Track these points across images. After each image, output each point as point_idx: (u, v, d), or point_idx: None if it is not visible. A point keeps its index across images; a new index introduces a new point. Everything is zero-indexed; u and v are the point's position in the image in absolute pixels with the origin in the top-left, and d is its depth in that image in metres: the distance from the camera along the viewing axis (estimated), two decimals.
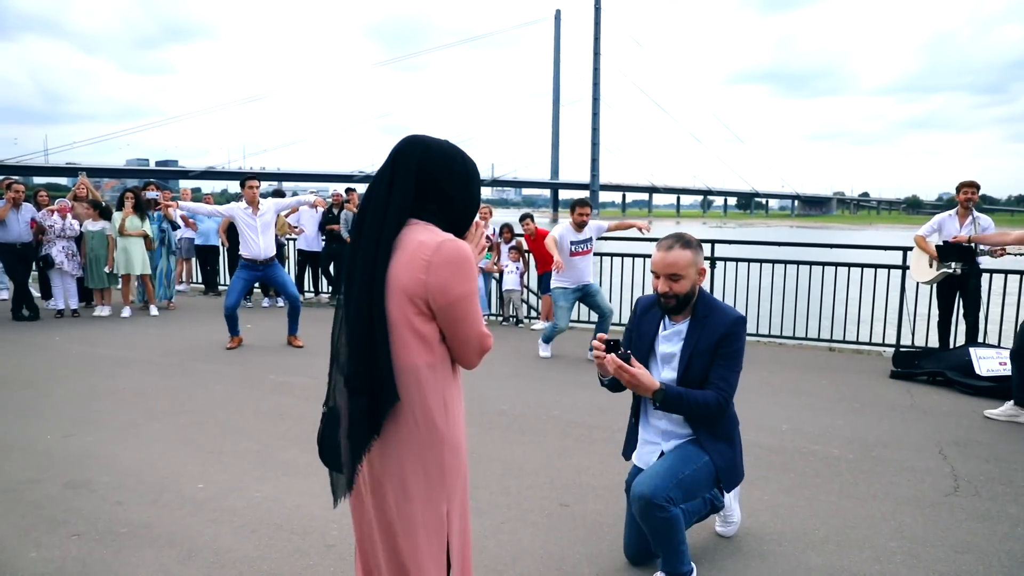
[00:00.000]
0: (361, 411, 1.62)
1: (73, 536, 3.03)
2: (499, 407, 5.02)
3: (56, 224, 8.38)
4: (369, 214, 1.65)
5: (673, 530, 2.47)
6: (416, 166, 1.66)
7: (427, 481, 1.67)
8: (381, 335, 1.59)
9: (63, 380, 5.63)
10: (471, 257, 1.65)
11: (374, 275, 1.60)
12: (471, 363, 1.73)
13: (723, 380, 2.53)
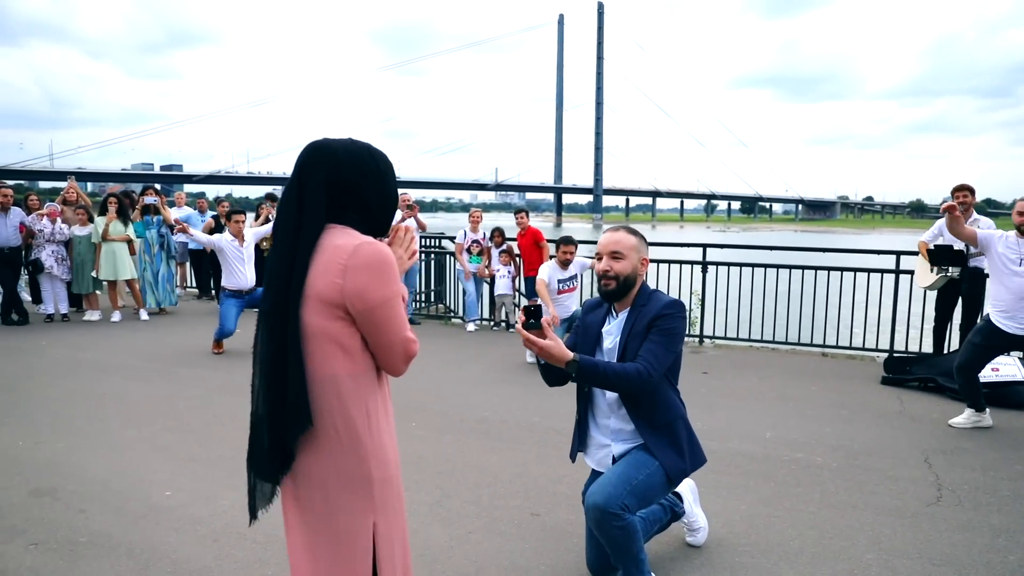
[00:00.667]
0: (276, 430, 1.57)
1: (31, 545, 2.98)
2: (481, 414, 4.96)
3: (46, 228, 8.36)
4: (280, 225, 1.60)
5: (630, 539, 2.41)
6: (324, 173, 1.61)
7: (352, 493, 1.61)
8: (294, 347, 1.54)
9: (42, 385, 5.59)
10: (391, 260, 1.59)
11: (289, 282, 1.55)
12: (397, 370, 1.66)
13: (649, 353, 2.43)
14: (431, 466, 3.94)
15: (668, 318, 2.47)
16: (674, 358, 2.52)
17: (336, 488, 1.61)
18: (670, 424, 2.55)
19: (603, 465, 2.61)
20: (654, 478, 2.48)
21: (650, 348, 2.44)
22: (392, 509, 1.69)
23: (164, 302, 9.16)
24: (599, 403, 2.63)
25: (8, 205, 8.28)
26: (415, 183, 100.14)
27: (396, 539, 1.71)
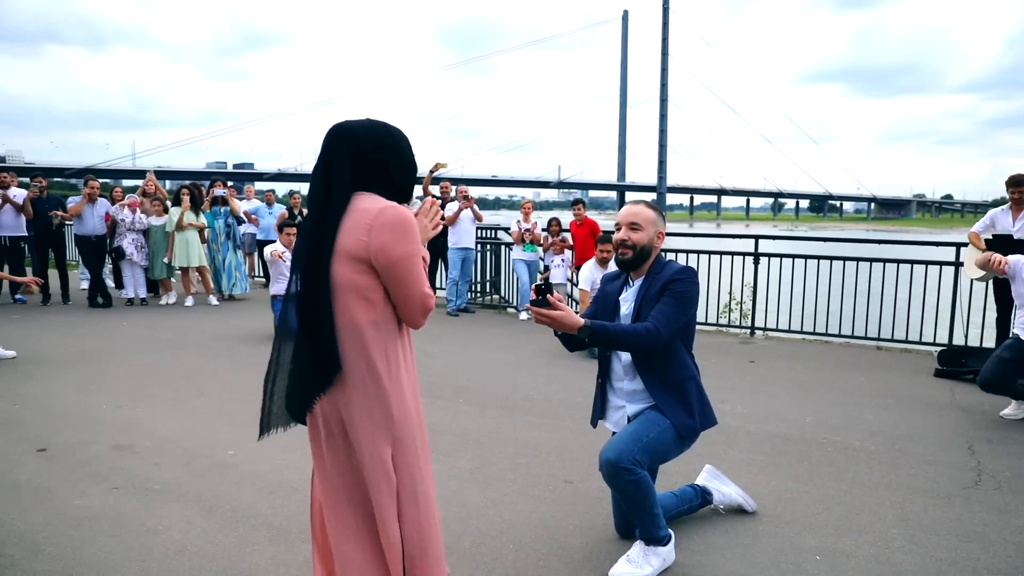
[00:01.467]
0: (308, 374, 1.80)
1: (113, 489, 3.32)
2: (526, 393, 5.14)
3: (127, 218, 8.96)
4: (312, 196, 1.83)
5: (643, 493, 2.54)
6: (347, 151, 1.82)
7: (371, 424, 1.82)
8: (324, 299, 1.75)
9: (123, 359, 6.06)
10: (412, 222, 1.80)
11: (320, 243, 1.76)
12: (416, 322, 1.87)
13: (660, 314, 2.55)
14: (473, 438, 4.14)
15: (680, 283, 2.60)
16: (686, 321, 2.64)
17: (358, 423, 1.82)
18: (681, 383, 2.67)
19: (619, 426, 2.75)
20: (665, 435, 2.60)
21: (661, 309, 2.57)
22: (410, 443, 1.88)
23: (234, 289, 9.65)
24: (615, 367, 2.77)
25: (95, 197, 8.92)
26: (478, 181, 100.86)
27: (415, 473, 1.90)
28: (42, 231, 9.08)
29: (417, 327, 1.89)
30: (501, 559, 2.74)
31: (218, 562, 2.68)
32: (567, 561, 2.73)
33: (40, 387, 5.14)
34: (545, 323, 2.43)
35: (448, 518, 3.07)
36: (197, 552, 2.75)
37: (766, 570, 2.67)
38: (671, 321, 2.57)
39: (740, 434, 4.24)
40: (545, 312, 2.41)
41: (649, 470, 2.68)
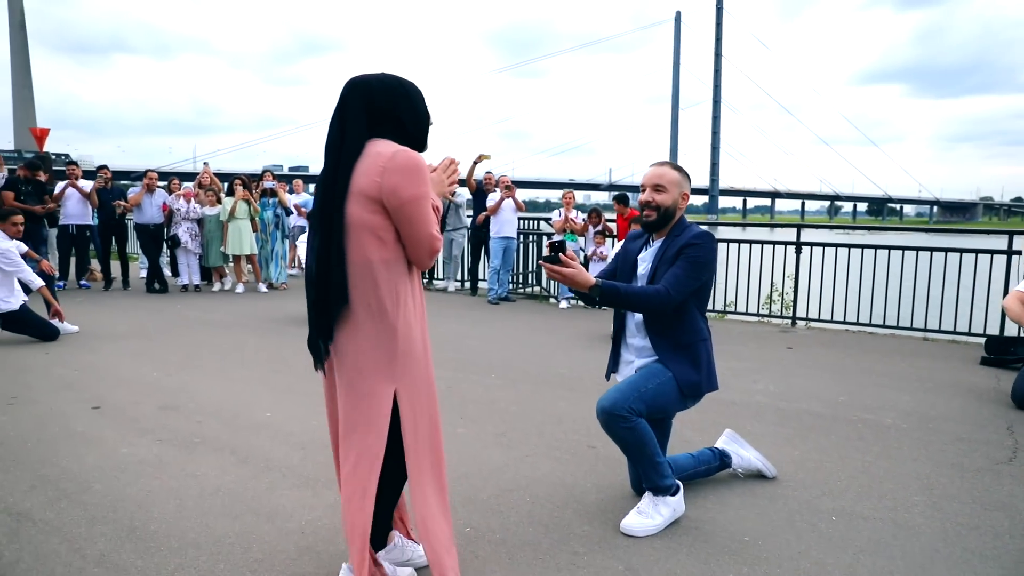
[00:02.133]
0: (321, 307, 1.91)
1: (157, 441, 3.53)
2: (558, 371, 5.21)
3: (182, 207, 9.35)
4: (328, 143, 1.93)
5: (641, 441, 2.57)
6: (362, 102, 1.92)
7: (377, 358, 1.92)
8: (338, 236, 1.86)
9: (175, 336, 6.36)
10: (424, 166, 1.89)
11: (335, 184, 1.87)
12: (422, 262, 1.96)
13: (672, 277, 2.59)
14: (502, 407, 4.24)
15: (696, 247, 2.63)
16: (699, 285, 2.67)
17: (365, 357, 1.92)
18: (691, 345, 2.70)
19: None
20: (665, 387, 2.64)
21: (674, 272, 2.61)
22: (415, 381, 1.97)
23: (279, 278, 9.97)
24: (629, 324, 2.83)
25: (154, 187, 9.35)
26: (529, 183, 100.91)
27: (419, 410, 1.99)
28: (106, 220, 9.54)
29: (423, 268, 1.99)
30: (517, 509, 2.82)
31: (247, 502, 2.83)
32: (580, 512, 2.80)
33: (98, 357, 5.46)
34: (557, 279, 2.50)
35: (469, 474, 3.17)
36: (229, 493, 2.92)
37: (780, 528, 2.68)
38: (683, 285, 2.61)
39: (769, 411, 4.22)
40: (557, 269, 2.47)
41: (655, 425, 2.72)
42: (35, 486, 2.97)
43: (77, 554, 2.40)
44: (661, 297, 2.56)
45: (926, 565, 2.42)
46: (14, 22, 35.39)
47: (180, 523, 2.64)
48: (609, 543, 2.55)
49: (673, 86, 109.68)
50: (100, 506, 2.77)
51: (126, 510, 2.74)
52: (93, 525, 2.61)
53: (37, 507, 2.77)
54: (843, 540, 2.59)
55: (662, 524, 2.64)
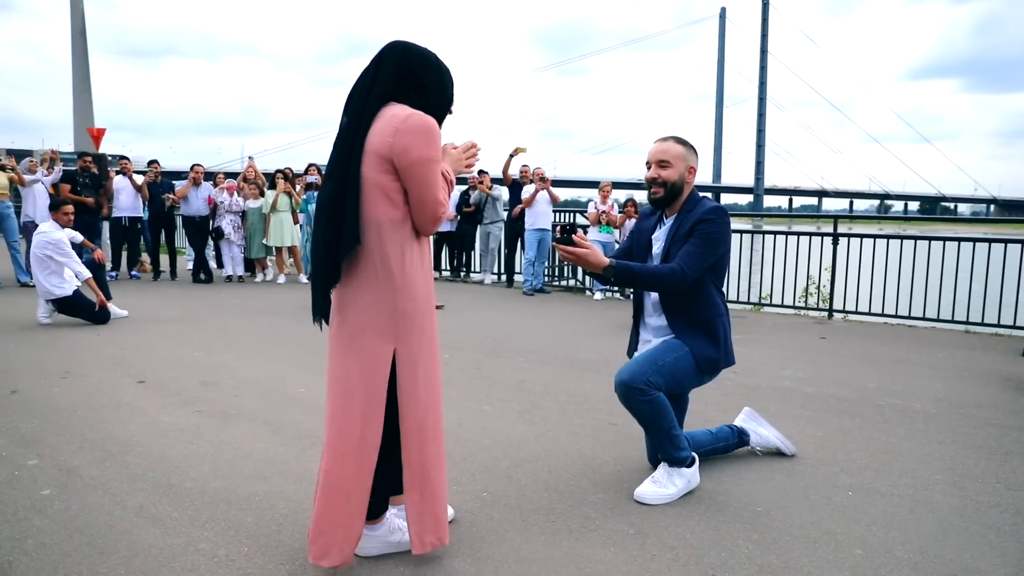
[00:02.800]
0: (327, 253, 1.96)
1: (196, 412, 3.70)
2: (587, 356, 5.26)
3: (226, 200, 9.66)
4: (353, 97, 2.00)
5: (658, 413, 2.61)
6: (397, 61, 2.01)
7: (379, 319, 1.97)
8: (352, 189, 1.92)
9: (218, 321, 6.61)
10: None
11: (354, 140, 1.94)
12: (425, 227, 2.00)
13: (686, 255, 2.60)
14: (527, 387, 4.31)
15: (708, 223, 2.64)
16: (714, 261, 2.67)
17: (366, 315, 1.97)
18: (708, 321, 2.72)
19: None
20: (682, 361, 2.66)
21: (688, 250, 2.62)
22: (416, 340, 2.02)
23: None
24: (646, 304, 2.87)
25: (199, 180, 9.68)
26: (571, 182, 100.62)
27: (419, 370, 2.03)
28: (156, 213, 9.92)
29: (426, 233, 2.03)
30: (534, 477, 2.90)
31: (277, 466, 2.97)
32: (596, 482, 2.86)
33: (145, 338, 5.71)
34: (570, 259, 2.53)
35: (491, 446, 3.26)
36: (260, 458, 3.06)
37: (794, 500, 2.71)
38: (697, 262, 2.61)
39: (795, 394, 4.22)
40: (570, 249, 2.50)
41: (672, 400, 2.75)
42: (83, 447, 3.16)
43: (118, 505, 2.57)
44: (676, 276, 2.57)
45: (939, 537, 2.42)
46: (75, 29, 36.66)
47: (213, 482, 2.78)
48: (622, 509, 2.61)
49: (717, 83, 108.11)
50: (140, 466, 2.94)
51: (164, 470, 2.90)
52: (134, 482, 2.78)
53: (84, 465, 2.95)
54: (857, 513, 2.60)
55: (676, 494, 2.68)
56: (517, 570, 2.16)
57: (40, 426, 3.44)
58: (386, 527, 2.21)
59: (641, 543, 2.35)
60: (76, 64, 27.99)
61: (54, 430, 3.39)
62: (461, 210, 10.48)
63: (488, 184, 10.29)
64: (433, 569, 2.15)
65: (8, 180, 8.89)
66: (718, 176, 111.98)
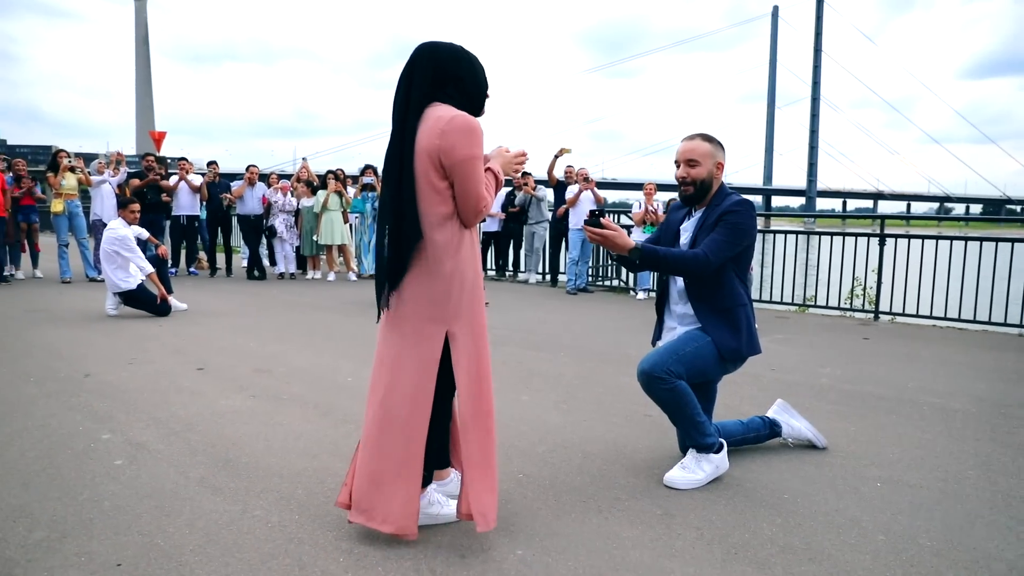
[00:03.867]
0: (392, 249, 2.14)
1: (251, 396, 3.94)
2: (625, 351, 5.35)
3: (279, 200, 10.02)
4: (395, 103, 2.17)
5: (681, 402, 2.69)
6: (429, 62, 2.16)
7: (430, 304, 2.14)
8: (408, 187, 2.10)
9: (270, 315, 6.92)
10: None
11: (403, 142, 2.11)
12: (468, 220, 2.16)
13: (711, 242, 2.68)
14: (566, 380, 4.44)
15: (734, 214, 2.72)
16: (740, 251, 2.75)
17: (421, 300, 2.14)
18: (731, 310, 2.79)
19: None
20: (704, 350, 2.74)
21: (713, 238, 2.71)
22: (467, 323, 2.18)
23: (372, 268, 10.49)
24: (671, 292, 2.96)
25: (254, 180, 10.07)
26: (619, 184, 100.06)
27: (472, 350, 2.19)
28: (214, 212, 10.35)
29: (469, 225, 2.19)
30: (568, 462, 3.02)
31: (325, 446, 3.16)
32: (628, 468, 2.97)
33: (203, 329, 6.03)
34: (598, 241, 2.64)
35: (528, 432, 3.39)
36: (310, 438, 3.26)
37: (821, 489, 2.77)
38: (721, 249, 2.70)
39: (831, 391, 4.24)
40: (597, 231, 2.61)
41: (699, 389, 2.83)
42: (149, 425, 3.41)
43: (182, 476, 2.79)
44: (699, 260, 2.66)
45: (965, 528, 2.46)
46: (139, 37, 38.33)
47: (266, 459, 2.98)
48: (651, 492, 2.71)
49: (769, 84, 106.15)
50: (201, 443, 3.17)
51: (222, 446, 3.12)
52: (195, 456, 3.00)
53: (151, 440, 3.19)
54: (883, 502, 2.65)
55: (704, 479, 2.77)
56: (548, 543, 2.29)
57: (111, 405, 3.72)
58: (427, 499, 2.36)
59: (667, 523, 2.45)
60: (139, 70, 29.11)
61: (123, 409, 3.65)
62: (507, 211, 10.64)
63: (532, 185, 10.43)
64: (468, 539, 2.30)
65: (77, 181, 9.41)
66: (769, 178, 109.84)
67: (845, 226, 15.78)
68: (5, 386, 4.10)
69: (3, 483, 2.70)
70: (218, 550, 2.20)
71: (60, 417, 3.51)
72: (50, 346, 5.23)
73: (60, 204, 9.16)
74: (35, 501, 2.54)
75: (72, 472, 2.81)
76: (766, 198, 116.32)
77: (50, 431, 3.30)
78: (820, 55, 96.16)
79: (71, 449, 3.07)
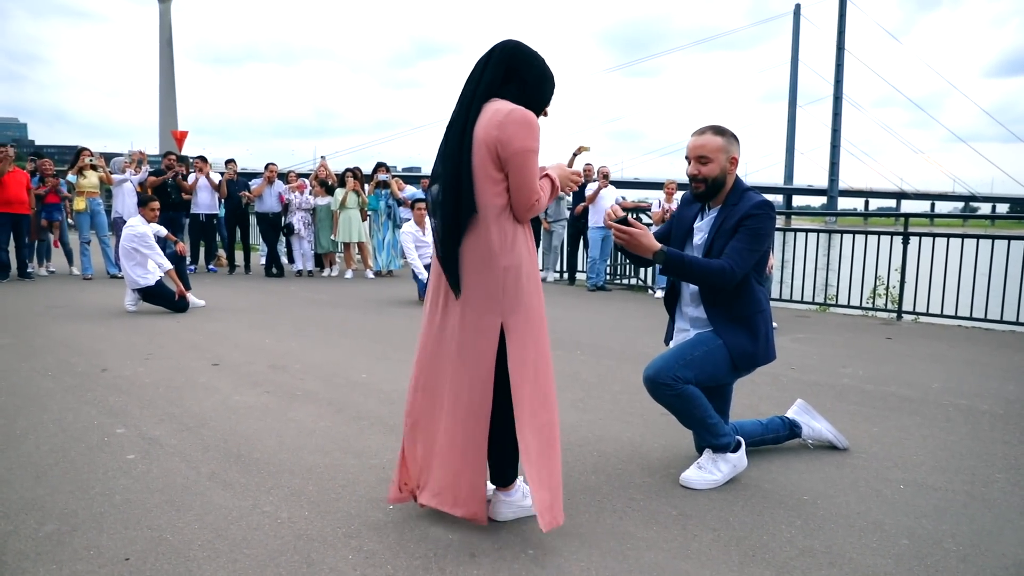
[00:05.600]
0: (446, 229, 2.14)
1: (265, 392, 3.93)
2: (643, 350, 5.29)
3: (297, 198, 10.06)
4: (466, 88, 2.17)
5: (689, 406, 2.62)
6: (506, 57, 2.18)
7: (487, 294, 2.13)
8: (466, 174, 2.09)
9: (287, 311, 6.93)
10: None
11: (463, 132, 2.11)
12: (521, 214, 2.15)
13: (735, 252, 2.58)
14: (582, 378, 4.39)
15: (755, 218, 2.61)
16: (760, 256, 2.66)
17: (477, 292, 2.14)
18: (749, 317, 2.68)
19: None
20: (714, 355, 2.65)
21: (736, 247, 2.60)
22: (523, 315, 2.16)
23: (388, 265, 10.50)
24: (683, 294, 2.87)
25: (273, 179, 10.12)
26: (638, 183, 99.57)
27: (529, 342, 2.17)
28: (232, 209, 10.41)
29: (522, 220, 2.17)
30: (583, 460, 2.97)
31: (337, 442, 3.14)
32: (643, 467, 2.92)
33: (220, 325, 6.05)
34: (624, 240, 2.57)
35: None
36: (322, 435, 3.24)
37: (842, 491, 2.69)
38: (745, 259, 2.60)
39: (853, 392, 4.15)
40: (625, 228, 2.55)
41: (713, 392, 2.76)
42: (163, 420, 3.41)
43: (193, 471, 2.78)
44: (725, 274, 2.55)
45: (993, 532, 2.38)
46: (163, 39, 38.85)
47: (279, 455, 2.97)
48: (667, 493, 2.65)
49: (791, 82, 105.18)
50: (214, 438, 3.16)
51: (235, 442, 3.11)
52: (207, 451, 2.99)
53: (164, 435, 3.19)
54: (907, 506, 2.57)
55: (721, 479, 2.71)
56: (560, 543, 2.24)
57: (126, 400, 3.73)
58: (520, 492, 2.38)
59: (683, 524, 2.40)
60: (163, 71, 29.49)
61: (138, 404, 3.66)
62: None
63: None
64: (479, 537, 2.26)
65: (99, 179, 9.51)
66: (790, 177, 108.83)
67: (867, 225, 15.57)
68: (23, 380, 4.13)
69: (17, 476, 2.71)
70: (227, 545, 2.18)
71: (75, 411, 3.53)
72: (69, 341, 5.27)
73: (82, 202, 9.26)
74: (47, 494, 2.54)
75: (85, 466, 2.81)
76: (787, 197, 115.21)
77: (65, 425, 3.31)
78: (843, 53, 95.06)
79: (85, 443, 3.07)
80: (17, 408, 3.58)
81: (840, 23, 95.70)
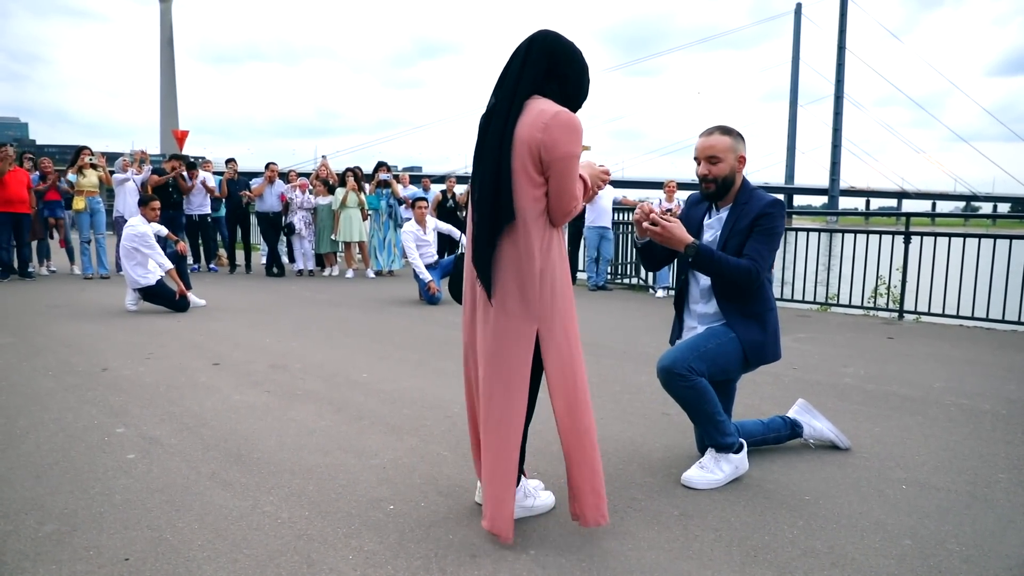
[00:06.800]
0: (484, 231, 2.08)
1: (265, 392, 3.92)
2: (644, 350, 5.28)
3: (298, 198, 10.05)
4: (506, 82, 2.10)
5: (701, 399, 2.62)
6: (549, 48, 2.11)
7: (523, 300, 2.09)
8: (506, 175, 2.04)
9: (288, 311, 6.92)
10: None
11: (504, 131, 2.05)
12: (557, 219, 2.10)
13: (756, 252, 2.61)
14: None
15: (769, 217, 2.64)
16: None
17: (511, 297, 2.09)
18: (762, 314, 2.72)
19: None
20: (726, 347, 2.66)
21: (755, 248, 2.63)
22: (558, 321, 2.13)
23: (389, 265, 10.50)
24: (692, 291, 2.87)
25: (274, 178, 10.11)
26: (638, 183, 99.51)
27: (563, 348, 2.14)
28: (233, 209, 10.40)
29: (557, 225, 2.12)
30: None
31: (338, 442, 3.13)
32: (644, 467, 2.91)
33: (221, 325, 6.05)
34: (656, 232, 2.58)
35: (543, 430, 3.32)
36: (323, 434, 3.23)
37: (844, 491, 2.68)
38: (767, 259, 2.64)
39: (854, 391, 4.14)
40: (658, 220, 2.58)
41: (718, 388, 2.76)
42: (164, 419, 3.40)
43: (193, 471, 2.77)
44: (750, 274, 2.60)
45: (996, 533, 2.37)
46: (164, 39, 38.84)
47: (279, 454, 2.96)
48: (668, 493, 2.65)
49: (792, 82, 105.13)
50: (214, 438, 3.16)
51: (235, 442, 3.10)
52: (207, 451, 2.99)
53: (165, 435, 3.19)
54: (909, 506, 2.56)
55: (723, 479, 2.70)
56: (562, 543, 2.23)
57: (127, 400, 3.72)
58: (522, 492, 2.37)
59: (685, 524, 2.39)
60: (164, 71, 29.49)
61: (139, 404, 3.66)
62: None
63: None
64: (479, 538, 2.25)
65: (99, 179, 9.50)
66: (791, 177, 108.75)
67: (868, 224, 15.56)
68: (23, 380, 4.12)
69: (17, 475, 2.70)
70: (226, 545, 2.18)
71: (76, 411, 3.52)
72: (69, 341, 5.27)
73: (82, 201, 9.26)
74: (47, 494, 2.53)
75: (85, 465, 2.81)
76: (788, 197, 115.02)
77: (65, 424, 3.31)
78: (844, 53, 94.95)
79: (85, 443, 3.07)
80: (18, 407, 3.57)
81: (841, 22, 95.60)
